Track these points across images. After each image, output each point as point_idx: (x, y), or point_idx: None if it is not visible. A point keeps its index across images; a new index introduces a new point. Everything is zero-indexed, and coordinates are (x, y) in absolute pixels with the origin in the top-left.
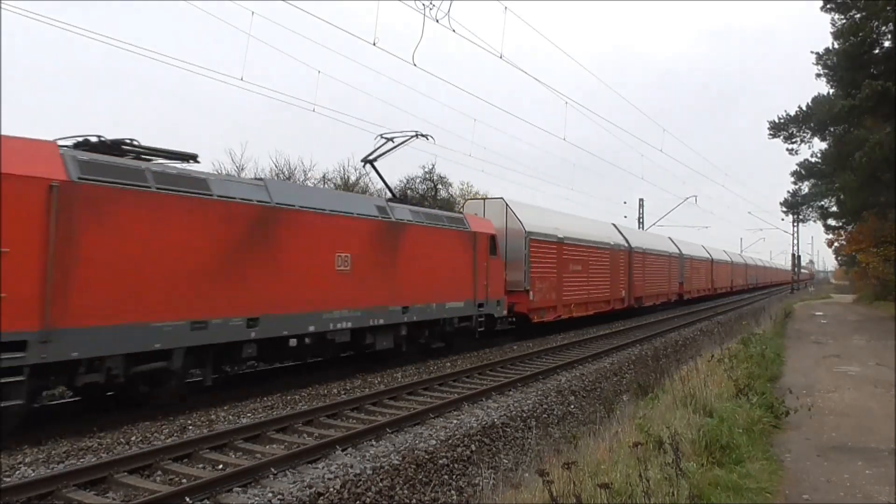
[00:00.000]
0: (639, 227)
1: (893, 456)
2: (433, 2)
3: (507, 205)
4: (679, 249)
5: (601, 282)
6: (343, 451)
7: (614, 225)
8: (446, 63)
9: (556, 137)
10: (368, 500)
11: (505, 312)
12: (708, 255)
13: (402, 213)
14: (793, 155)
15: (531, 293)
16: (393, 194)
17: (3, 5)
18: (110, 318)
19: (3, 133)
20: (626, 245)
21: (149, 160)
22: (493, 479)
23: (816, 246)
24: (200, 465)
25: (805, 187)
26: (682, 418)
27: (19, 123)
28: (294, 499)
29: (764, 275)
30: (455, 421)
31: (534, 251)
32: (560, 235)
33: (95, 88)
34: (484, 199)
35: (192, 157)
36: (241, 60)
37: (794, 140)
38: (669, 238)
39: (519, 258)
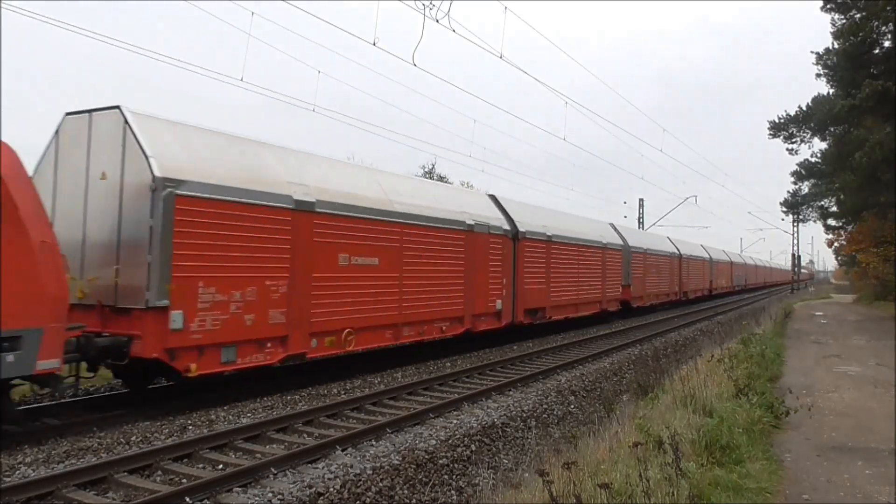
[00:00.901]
0: (639, 227)
1: (893, 456)
2: (433, 2)
3: (126, 122)
4: (624, 240)
5: (437, 285)
6: (343, 451)
7: (493, 197)
8: (446, 63)
9: (556, 137)
10: (368, 500)
11: (55, 363)
12: (674, 250)
13: None
14: (793, 155)
15: (177, 315)
16: None
17: (3, 5)
18: None
19: (2, 136)
20: (509, 228)
21: None
22: (493, 479)
23: (816, 246)
24: (200, 465)
25: (805, 187)
26: (682, 418)
27: (20, 123)
28: (294, 499)
29: (755, 275)
30: (455, 421)
31: (189, 222)
32: (303, 197)
33: (95, 89)
34: (90, 111)
35: None
36: (241, 60)
37: (794, 140)
38: (611, 225)
39: (141, 238)
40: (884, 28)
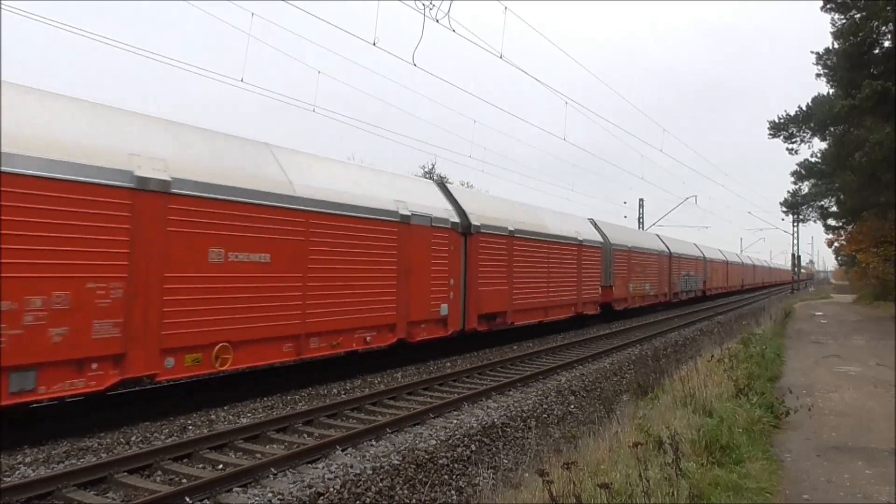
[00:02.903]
0: (639, 227)
1: (893, 456)
2: (433, 2)
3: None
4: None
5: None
6: (343, 451)
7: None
8: (446, 63)
9: (556, 137)
10: (368, 500)
11: None
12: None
13: None
14: (793, 155)
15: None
16: None
17: (3, 5)
18: None
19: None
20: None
21: None
22: (493, 479)
23: (816, 246)
24: (200, 465)
25: (805, 187)
26: (681, 418)
27: None
28: (294, 499)
29: (722, 276)
30: (455, 421)
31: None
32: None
33: (95, 90)
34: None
35: None
36: (240, 61)
37: (794, 140)
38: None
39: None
40: (884, 28)
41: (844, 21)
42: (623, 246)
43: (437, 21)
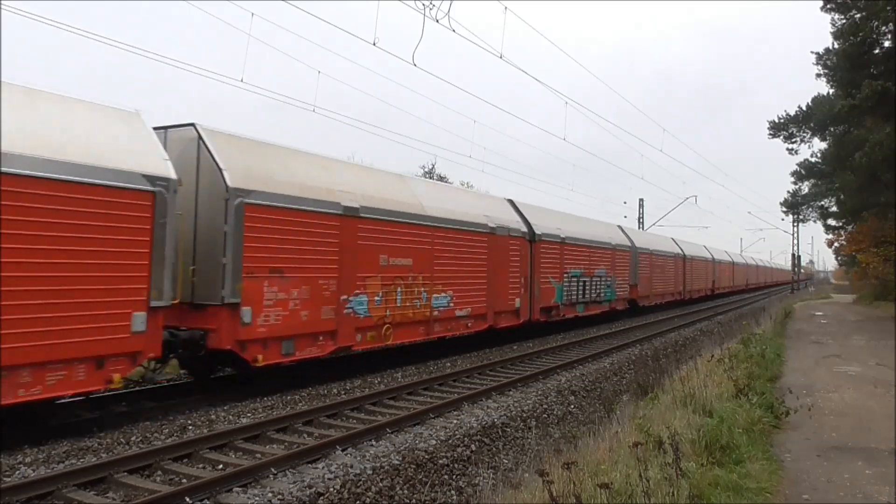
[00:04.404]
0: (639, 227)
1: (893, 456)
2: (433, 2)
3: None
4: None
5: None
6: (343, 451)
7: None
8: (446, 63)
9: (556, 137)
10: (368, 500)
11: None
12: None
13: None
14: (793, 155)
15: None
16: None
17: (2, 5)
18: None
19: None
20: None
21: None
22: (493, 479)
23: (816, 246)
24: (200, 465)
25: (805, 187)
26: (681, 418)
27: None
28: (294, 499)
29: (674, 277)
30: (455, 421)
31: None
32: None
33: (95, 90)
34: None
35: None
36: (240, 61)
37: (794, 140)
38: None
39: None
40: (884, 28)
41: (844, 21)
42: (350, 206)
43: (437, 21)
